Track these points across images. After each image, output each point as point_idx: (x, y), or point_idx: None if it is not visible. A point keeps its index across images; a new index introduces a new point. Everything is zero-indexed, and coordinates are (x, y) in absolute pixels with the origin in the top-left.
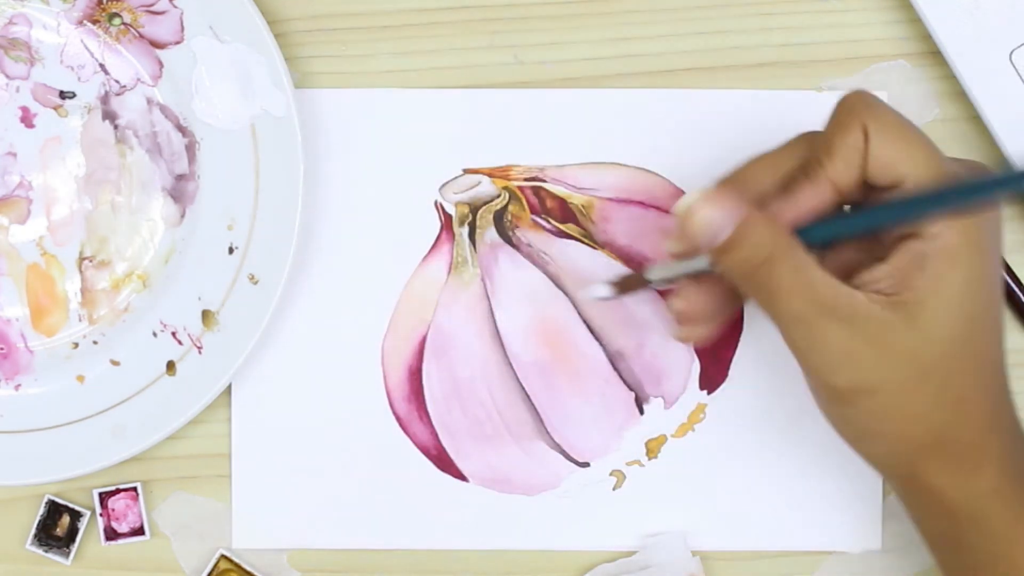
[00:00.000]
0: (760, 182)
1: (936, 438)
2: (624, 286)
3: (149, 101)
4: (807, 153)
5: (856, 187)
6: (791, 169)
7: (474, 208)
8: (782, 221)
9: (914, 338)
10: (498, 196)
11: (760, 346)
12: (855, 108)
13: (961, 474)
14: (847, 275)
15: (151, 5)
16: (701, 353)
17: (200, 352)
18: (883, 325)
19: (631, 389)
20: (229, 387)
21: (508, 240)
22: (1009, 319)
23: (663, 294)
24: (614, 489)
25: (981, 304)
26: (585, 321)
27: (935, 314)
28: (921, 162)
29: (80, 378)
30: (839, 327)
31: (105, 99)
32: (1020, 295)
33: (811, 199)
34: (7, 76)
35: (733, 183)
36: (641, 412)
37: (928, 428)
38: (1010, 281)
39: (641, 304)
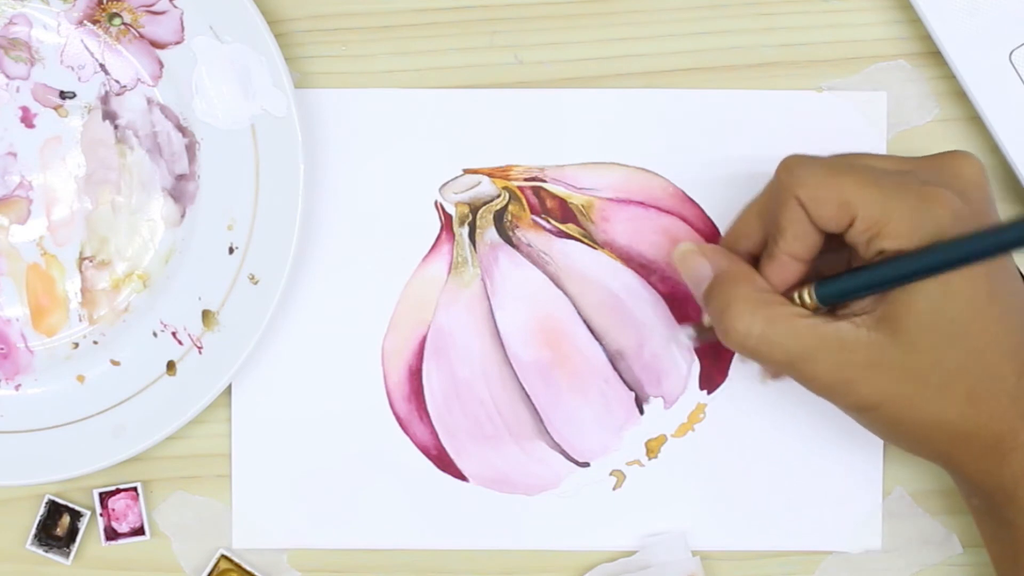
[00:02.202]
0: (747, 241)
1: (954, 434)
2: (702, 334)
3: (149, 101)
4: (764, 232)
5: (816, 248)
6: (762, 239)
7: (474, 208)
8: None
9: (900, 350)
10: (498, 196)
11: None
12: (785, 183)
13: (990, 462)
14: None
15: (151, 5)
16: (701, 353)
17: (200, 352)
18: (871, 346)
19: (631, 389)
20: (229, 387)
21: (508, 240)
22: None
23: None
24: (614, 489)
25: (964, 303)
26: (585, 321)
27: (914, 323)
28: (861, 198)
29: (80, 378)
30: (831, 358)
31: (105, 99)
32: None
33: (779, 273)
34: (7, 76)
35: (726, 244)
36: (641, 412)
37: (942, 427)
38: None
39: (641, 304)
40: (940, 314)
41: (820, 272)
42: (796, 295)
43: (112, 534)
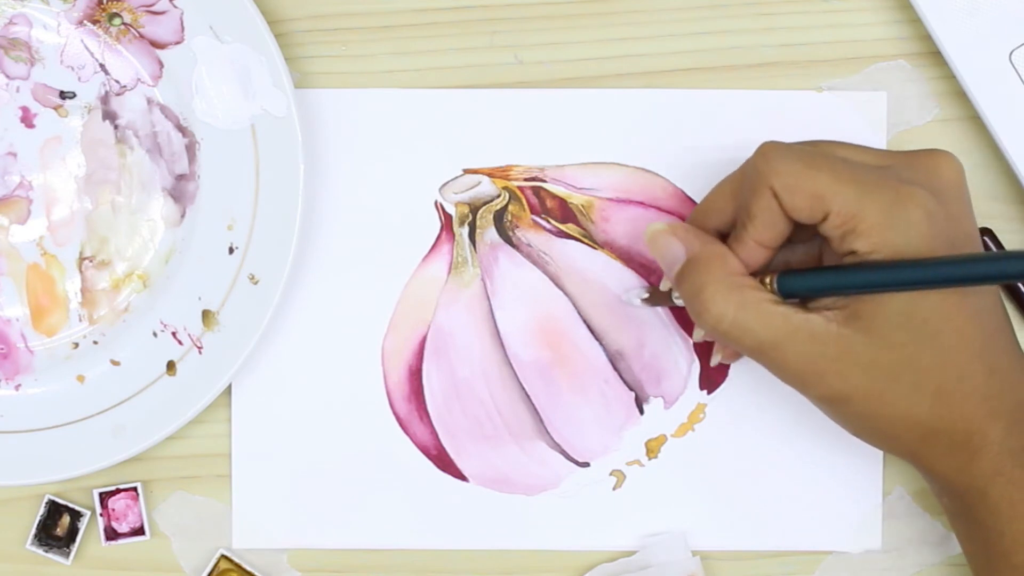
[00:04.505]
0: (717, 217)
1: (925, 431)
2: (654, 298)
3: (149, 101)
4: (735, 211)
5: (784, 236)
6: (732, 218)
7: (474, 208)
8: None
9: (872, 347)
10: (498, 196)
11: None
12: (760, 171)
13: (960, 460)
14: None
15: (151, 5)
16: (701, 353)
17: (200, 352)
18: (841, 341)
19: (631, 389)
20: (229, 387)
21: (508, 240)
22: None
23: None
24: (614, 489)
25: (935, 304)
26: (585, 321)
27: (886, 321)
28: (836, 193)
29: (80, 378)
30: (801, 349)
31: (105, 99)
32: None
33: (744, 258)
34: (7, 76)
35: (696, 218)
36: (641, 412)
37: (913, 424)
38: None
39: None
40: (911, 314)
41: (787, 261)
42: (760, 280)
43: (112, 534)
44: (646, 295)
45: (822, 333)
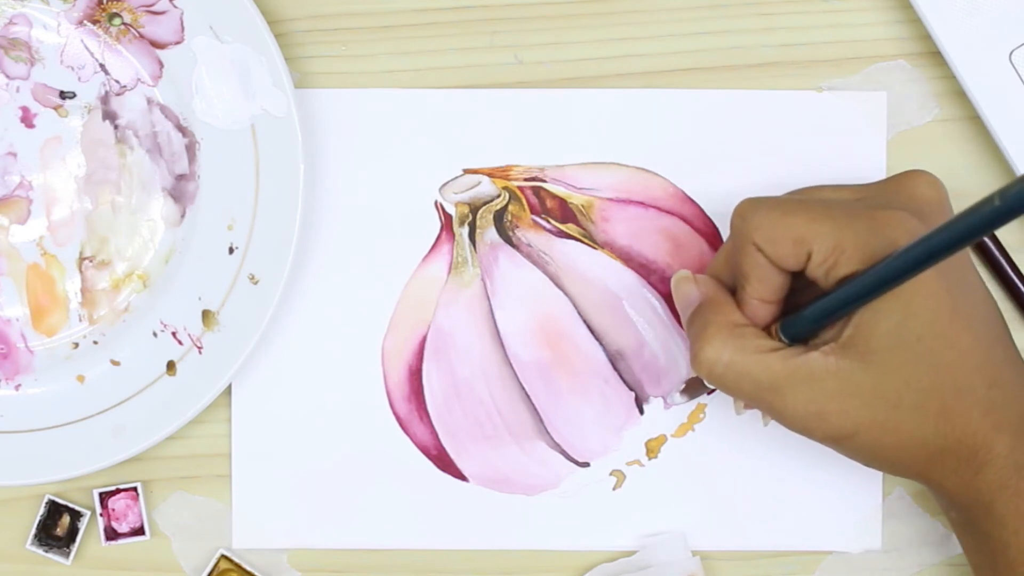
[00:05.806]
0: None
1: (931, 452)
2: (690, 389)
3: (149, 101)
4: (733, 279)
5: (782, 288)
6: (733, 286)
7: (474, 208)
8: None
9: (872, 376)
10: (498, 196)
11: None
12: (741, 230)
13: (966, 475)
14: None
15: (151, 5)
16: None
17: (200, 352)
18: (839, 374)
19: (631, 389)
20: (229, 387)
21: (508, 240)
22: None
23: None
24: (614, 489)
25: (928, 321)
26: (585, 321)
27: (879, 344)
28: (814, 232)
29: (80, 378)
30: (800, 390)
31: (105, 99)
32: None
33: (751, 317)
34: (7, 76)
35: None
36: (641, 412)
37: (919, 446)
38: (1015, 279)
39: (641, 304)
40: (905, 334)
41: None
42: (767, 331)
43: (112, 534)
44: (683, 387)
45: (820, 369)
